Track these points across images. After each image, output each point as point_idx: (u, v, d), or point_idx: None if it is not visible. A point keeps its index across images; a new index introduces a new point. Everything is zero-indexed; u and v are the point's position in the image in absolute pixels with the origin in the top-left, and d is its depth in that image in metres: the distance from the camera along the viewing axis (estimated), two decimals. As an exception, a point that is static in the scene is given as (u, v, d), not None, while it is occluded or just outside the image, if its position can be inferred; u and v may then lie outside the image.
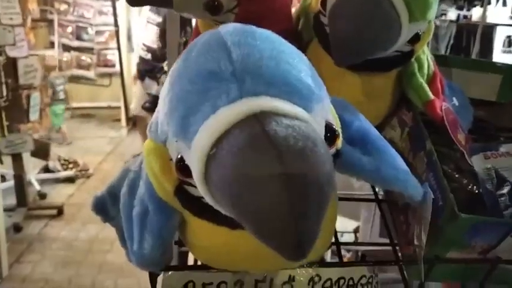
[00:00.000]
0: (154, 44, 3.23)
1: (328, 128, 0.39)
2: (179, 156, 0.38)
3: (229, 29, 0.40)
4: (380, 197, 0.79)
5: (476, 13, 3.35)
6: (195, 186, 0.38)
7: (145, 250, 0.47)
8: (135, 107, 3.53)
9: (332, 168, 0.34)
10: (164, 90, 0.41)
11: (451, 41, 2.92)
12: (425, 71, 0.68)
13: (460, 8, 2.99)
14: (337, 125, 0.42)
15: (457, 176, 0.68)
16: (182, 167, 0.38)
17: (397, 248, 0.68)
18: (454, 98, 0.75)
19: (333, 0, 0.53)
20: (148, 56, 3.24)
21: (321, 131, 0.38)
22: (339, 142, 0.41)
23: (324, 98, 0.41)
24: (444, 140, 0.68)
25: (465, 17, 3.10)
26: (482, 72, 0.90)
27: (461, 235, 0.55)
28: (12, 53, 2.70)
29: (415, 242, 0.58)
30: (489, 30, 2.62)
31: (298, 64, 0.39)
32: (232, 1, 0.60)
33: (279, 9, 0.66)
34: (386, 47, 0.54)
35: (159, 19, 3.15)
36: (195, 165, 0.35)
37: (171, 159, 0.41)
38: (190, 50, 0.41)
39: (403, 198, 0.66)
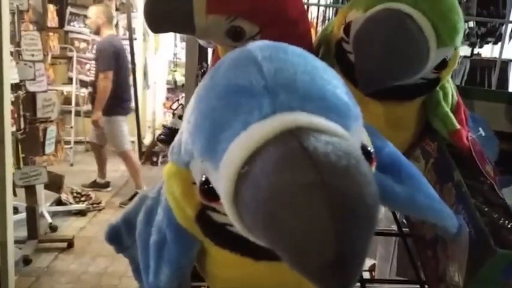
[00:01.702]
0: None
1: (364, 149, 0.36)
2: (204, 178, 0.36)
3: (259, 44, 0.39)
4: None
5: (486, 50, 3.38)
6: (219, 212, 0.36)
7: (162, 282, 0.44)
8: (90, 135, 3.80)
9: (377, 189, 0.30)
10: (189, 110, 0.39)
11: (465, 77, 2.92)
12: (450, 100, 0.67)
13: (473, 45, 3.00)
14: (371, 148, 0.39)
15: (486, 209, 0.64)
16: (207, 190, 0.35)
17: (426, 286, 0.64)
18: (480, 129, 0.73)
19: (358, 25, 0.52)
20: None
21: (360, 151, 0.35)
22: (373, 166, 0.38)
23: (360, 116, 0.38)
24: (470, 172, 0.65)
25: (475, 54, 3.12)
26: (504, 104, 0.89)
27: (497, 273, 0.51)
28: (31, 87, 2.77)
29: (448, 280, 0.54)
30: (504, 66, 2.62)
31: (333, 80, 0.37)
32: (254, 28, 0.60)
33: (300, 37, 0.66)
34: (413, 73, 0.52)
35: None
36: (224, 186, 0.32)
37: (193, 183, 0.38)
38: (217, 67, 0.39)
39: (431, 232, 0.62)
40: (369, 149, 0.37)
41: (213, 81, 0.38)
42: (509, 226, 0.62)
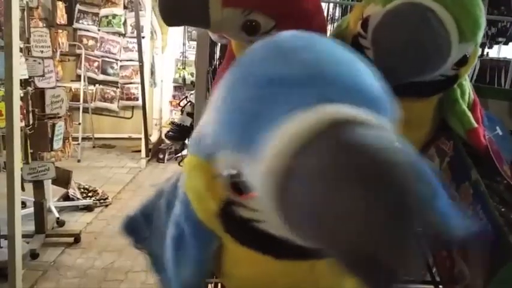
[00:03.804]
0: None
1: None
2: (234, 172, 0.34)
3: (294, 35, 0.37)
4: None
5: (493, 50, 3.33)
6: (246, 207, 0.34)
7: (183, 277, 0.43)
8: None
9: (430, 183, 0.29)
10: (213, 101, 0.38)
11: (474, 77, 2.90)
12: (467, 98, 0.66)
13: (483, 45, 2.97)
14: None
15: (503, 209, 0.63)
16: (237, 184, 0.34)
17: (440, 286, 0.63)
18: (497, 128, 0.72)
19: (376, 20, 0.51)
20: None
21: None
22: None
23: (395, 110, 0.36)
24: (486, 172, 0.64)
25: (485, 54, 3.08)
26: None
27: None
28: (40, 83, 2.79)
29: (467, 281, 0.53)
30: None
31: (371, 72, 0.35)
32: (269, 22, 0.59)
33: (316, 32, 0.65)
34: (435, 69, 0.51)
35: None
36: (266, 179, 0.30)
37: (217, 176, 0.37)
38: (247, 58, 0.37)
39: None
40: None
41: (243, 71, 0.36)
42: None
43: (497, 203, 0.63)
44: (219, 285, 0.72)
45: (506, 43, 2.73)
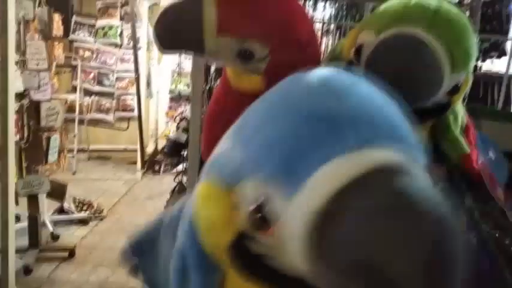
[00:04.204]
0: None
1: None
2: (261, 202, 0.33)
3: (334, 72, 0.38)
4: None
5: (485, 65, 3.37)
6: (261, 242, 0.34)
7: None
8: None
9: (463, 233, 0.30)
10: (240, 128, 0.37)
11: (468, 92, 2.91)
12: (460, 122, 0.66)
13: (476, 60, 2.99)
14: None
15: (497, 235, 0.63)
16: (261, 217, 0.33)
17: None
18: (490, 152, 0.72)
19: (369, 49, 0.52)
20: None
21: None
22: None
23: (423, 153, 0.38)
24: (479, 197, 0.64)
25: (478, 68, 3.11)
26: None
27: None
28: (36, 96, 2.78)
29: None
30: (507, 82, 2.61)
31: (403, 116, 0.36)
32: (264, 50, 0.60)
33: (310, 59, 0.65)
34: (426, 99, 0.52)
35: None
36: (298, 220, 0.30)
37: (235, 207, 0.36)
38: (286, 90, 0.38)
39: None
40: None
41: (285, 102, 0.36)
42: (520, 252, 0.61)
43: (492, 228, 0.64)
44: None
45: (498, 57, 2.76)
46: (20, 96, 2.65)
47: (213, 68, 1.60)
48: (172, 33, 0.61)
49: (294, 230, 0.31)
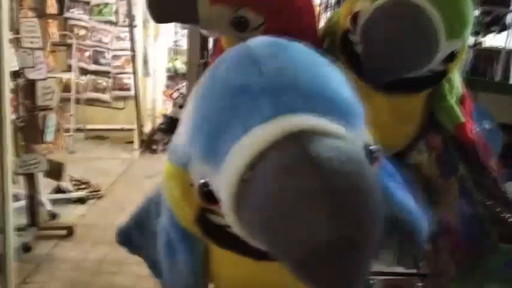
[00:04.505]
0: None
1: (367, 149, 0.36)
2: (203, 181, 0.35)
3: (259, 41, 0.38)
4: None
5: (488, 40, 3.34)
6: (219, 214, 0.35)
7: (178, 280, 0.44)
8: None
9: (380, 192, 0.30)
10: (187, 110, 0.38)
11: (469, 67, 2.90)
12: (456, 92, 0.66)
13: (476, 34, 2.97)
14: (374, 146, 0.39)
15: (489, 203, 0.64)
16: (206, 193, 0.35)
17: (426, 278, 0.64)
18: (485, 122, 0.72)
19: (366, 16, 0.51)
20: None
21: (363, 153, 0.34)
22: (377, 164, 0.38)
23: (363, 114, 0.37)
24: (473, 166, 0.65)
25: (479, 43, 3.08)
26: (509, 96, 0.88)
27: (500, 267, 0.51)
28: (31, 75, 2.75)
29: (451, 273, 0.54)
30: (509, 55, 2.60)
31: (336, 77, 0.36)
32: (259, 18, 0.59)
33: (305, 28, 0.65)
34: (422, 65, 0.52)
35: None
36: (225, 191, 0.32)
37: (192, 184, 0.38)
38: (216, 66, 0.38)
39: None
40: (372, 147, 0.36)
41: (211, 80, 0.37)
42: (510, 220, 0.62)
43: (485, 196, 0.65)
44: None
45: (499, 32, 2.74)
46: (14, 74, 2.63)
47: (210, 45, 1.58)
48: (166, 4, 0.60)
49: (223, 201, 0.33)
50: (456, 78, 0.66)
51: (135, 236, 0.51)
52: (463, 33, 0.54)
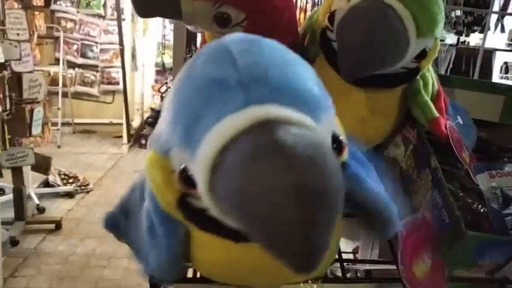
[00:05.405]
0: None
1: (335, 138, 0.39)
2: (182, 167, 0.38)
3: (235, 38, 0.41)
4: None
5: (473, 39, 3.40)
6: (198, 198, 0.38)
7: (161, 264, 0.46)
8: None
9: (341, 178, 0.33)
10: (167, 100, 0.41)
11: (451, 65, 2.96)
12: (430, 89, 0.69)
13: (459, 33, 3.03)
14: (343, 136, 0.42)
15: (461, 194, 0.67)
16: (185, 178, 0.38)
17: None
18: (459, 117, 0.75)
19: (341, 14, 0.54)
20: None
21: (328, 141, 0.38)
22: (345, 153, 0.41)
23: (331, 108, 0.41)
24: (448, 159, 0.67)
25: (462, 42, 3.15)
26: (484, 93, 0.91)
27: (468, 253, 0.54)
28: (17, 67, 2.72)
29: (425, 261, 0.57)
30: (488, 55, 2.65)
31: (304, 73, 0.39)
32: (240, 14, 0.61)
33: (286, 25, 0.67)
34: (394, 62, 0.54)
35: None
36: (200, 176, 0.35)
37: (173, 171, 0.40)
38: (194, 59, 0.41)
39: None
40: (341, 137, 0.40)
41: (189, 73, 0.40)
42: (481, 210, 0.65)
43: (457, 188, 0.68)
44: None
45: (482, 31, 2.79)
46: (0, 67, 2.60)
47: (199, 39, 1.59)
48: (149, -2, 0.61)
49: (199, 184, 0.35)
50: (430, 75, 0.68)
51: (121, 221, 0.53)
52: (433, 31, 0.57)
